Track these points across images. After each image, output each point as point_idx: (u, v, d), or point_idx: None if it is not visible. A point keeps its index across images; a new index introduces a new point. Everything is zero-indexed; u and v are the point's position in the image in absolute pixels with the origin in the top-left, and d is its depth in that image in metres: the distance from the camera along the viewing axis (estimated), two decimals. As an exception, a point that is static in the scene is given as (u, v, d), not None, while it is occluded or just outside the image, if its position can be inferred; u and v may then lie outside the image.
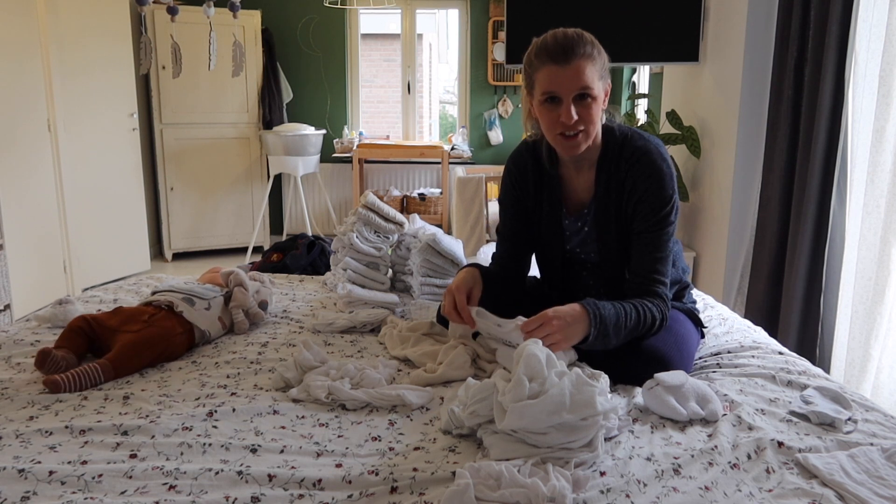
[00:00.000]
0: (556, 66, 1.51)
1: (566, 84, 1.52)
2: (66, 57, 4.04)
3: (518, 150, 1.79)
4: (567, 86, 1.52)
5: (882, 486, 1.08)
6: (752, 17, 2.91)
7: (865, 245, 2.29)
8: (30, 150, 3.70)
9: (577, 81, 1.51)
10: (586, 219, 1.71)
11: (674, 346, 1.57)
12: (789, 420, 1.32)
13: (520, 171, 1.76)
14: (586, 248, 1.73)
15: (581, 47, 1.51)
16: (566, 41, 1.52)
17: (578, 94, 1.52)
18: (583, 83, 1.51)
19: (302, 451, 1.21)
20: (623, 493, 1.08)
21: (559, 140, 1.58)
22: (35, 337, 1.79)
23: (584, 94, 1.52)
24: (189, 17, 4.58)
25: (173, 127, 5.01)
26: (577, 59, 1.51)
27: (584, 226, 1.72)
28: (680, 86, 3.68)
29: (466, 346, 1.66)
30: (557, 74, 1.52)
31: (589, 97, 1.53)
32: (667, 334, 1.59)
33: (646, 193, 1.59)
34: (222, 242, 5.31)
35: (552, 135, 1.59)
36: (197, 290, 1.85)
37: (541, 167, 1.73)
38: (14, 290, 3.34)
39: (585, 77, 1.51)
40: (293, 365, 1.53)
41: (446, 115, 9.62)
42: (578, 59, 1.51)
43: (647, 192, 1.59)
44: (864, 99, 2.33)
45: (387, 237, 2.25)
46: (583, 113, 1.54)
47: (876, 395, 2.20)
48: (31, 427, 1.27)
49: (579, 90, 1.52)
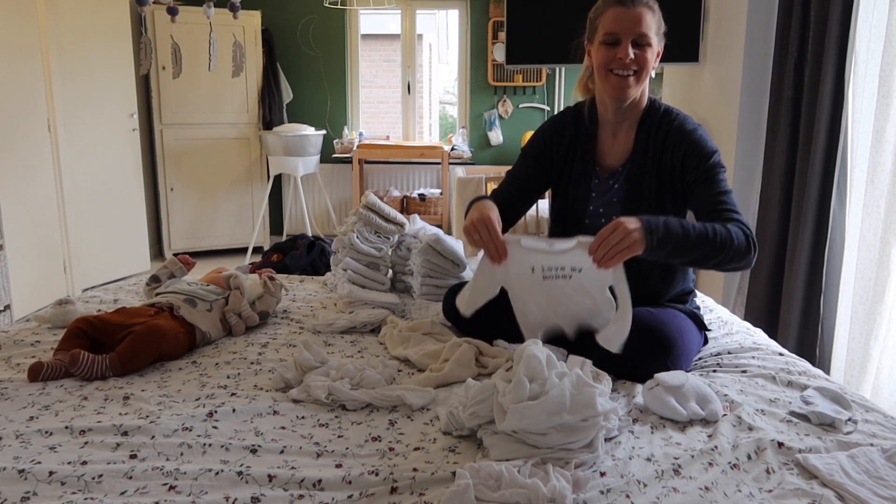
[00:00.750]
0: (620, 8, 1.63)
1: (627, 26, 1.63)
2: (66, 57, 4.04)
3: (560, 112, 1.89)
4: (628, 27, 1.63)
5: (882, 487, 1.08)
6: (752, 17, 2.91)
7: (865, 245, 2.29)
8: (30, 150, 3.70)
9: (637, 25, 1.62)
10: (618, 177, 1.76)
11: (677, 330, 1.60)
12: (789, 420, 1.32)
13: (555, 128, 1.84)
14: (609, 210, 1.76)
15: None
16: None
17: (637, 39, 1.63)
18: (643, 28, 1.63)
19: (302, 451, 1.21)
20: (623, 493, 1.08)
21: (611, 79, 1.66)
22: (35, 337, 1.79)
23: (641, 40, 1.63)
24: (189, 18, 4.58)
25: (173, 127, 5.01)
26: (640, 6, 1.63)
27: (614, 183, 1.76)
28: (680, 86, 3.68)
29: (470, 343, 1.66)
30: (620, 16, 1.63)
31: (646, 44, 1.64)
32: (671, 318, 1.63)
33: (690, 148, 1.67)
34: (222, 243, 5.31)
35: (605, 71, 1.67)
36: (199, 291, 1.85)
37: (579, 126, 1.81)
38: (14, 290, 3.34)
39: (645, 23, 1.63)
40: (293, 365, 1.53)
41: (446, 115, 9.63)
42: (641, 6, 1.63)
43: (692, 147, 1.67)
44: (864, 99, 2.33)
45: (387, 238, 2.25)
46: (639, 56, 1.64)
47: (876, 395, 2.20)
48: (31, 427, 1.27)
49: (638, 34, 1.63)
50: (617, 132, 1.77)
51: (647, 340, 1.54)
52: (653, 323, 1.58)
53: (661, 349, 1.53)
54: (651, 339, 1.54)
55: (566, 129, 1.82)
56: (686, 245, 1.48)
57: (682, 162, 1.67)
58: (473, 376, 1.58)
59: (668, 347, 1.54)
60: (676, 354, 1.55)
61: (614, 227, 1.43)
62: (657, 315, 1.62)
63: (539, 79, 5.48)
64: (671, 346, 1.54)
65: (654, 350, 1.53)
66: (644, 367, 1.50)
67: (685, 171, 1.67)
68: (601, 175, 1.78)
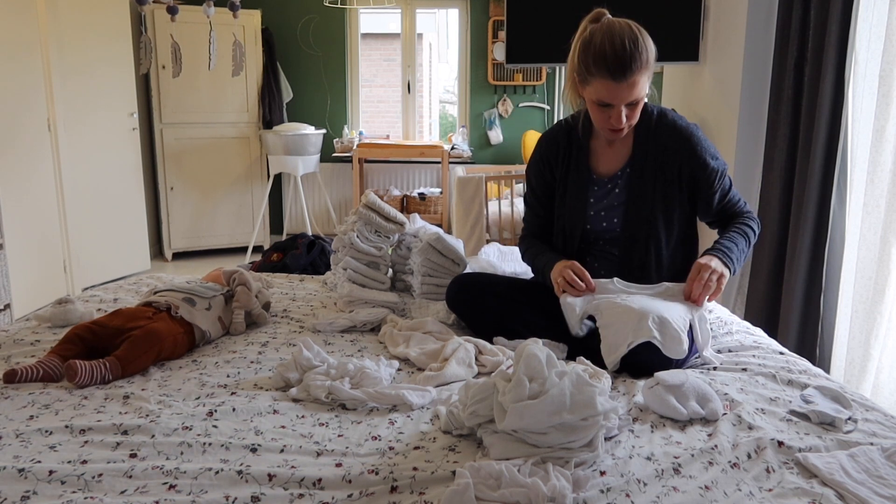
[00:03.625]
0: (612, 82, 1.59)
1: (621, 97, 1.62)
2: (66, 57, 4.04)
3: (553, 127, 1.94)
4: (621, 98, 1.62)
5: (882, 486, 1.08)
6: (752, 17, 2.91)
7: (865, 245, 2.29)
8: (30, 150, 3.70)
9: (630, 95, 1.62)
10: (618, 181, 1.78)
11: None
12: (789, 419, 1.32)
13: (550, 147, 1.87)
14: (610, 215, 1.78)
15: (637, 61, 1.58)
16: (624, 56, 1.57)
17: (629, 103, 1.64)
18: (635, 94, 1.62)
19: (302, 450, 1.21)
20: (623, 492, 1.08)
21: (606, 132, 1.73)
22: (35, 337, 1.79)
23: (634, 101, 1.64)
24: (189, 17, 4.58)
25: (173, 127, 5.01)
26: (634, 75, 1.58)
27: (614, 188, 1.79)
28: (680, 86, 3.67)
29: (470, 343, 1.66)
30: (613, 90, 1.61)
31: (638, 102, 1.65)
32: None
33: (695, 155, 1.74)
34: (222, 242, 5.31)
35: (600, 126, 1.72)
36: (197, 289, 1.85)
37: (572, 139, 1.83)
38: (14, 289, 3.34)
39: (638, 90, 1.61)
40: (293, 365, 1.53)
41: (446, 114, 9.63)
42: (635, 75, 1.58)
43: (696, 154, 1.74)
44: (864, 99, 2.33)
45: (387, 237, 2.25)
46: (630, 114, 1.67)
47: (876, 394, 2.20)
48: (31, 427, 1.27)
49: (630, 101, 1.63)
50: (612, 140, 1.80)
51: None
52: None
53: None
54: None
55: (560, 145, 1.85)
56: (743, 255, 1.72)
57: (690, 166, 1.74)
58: (473, 376, 1.59)
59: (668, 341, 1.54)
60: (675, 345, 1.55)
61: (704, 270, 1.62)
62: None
63: (539, 78, 5.48)
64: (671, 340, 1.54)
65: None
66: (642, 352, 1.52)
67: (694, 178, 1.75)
68: (600, 181, 1.80)
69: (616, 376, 1.59)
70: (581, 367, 1.39)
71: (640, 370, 1.56)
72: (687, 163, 1.74)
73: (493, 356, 1.65)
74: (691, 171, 1.75)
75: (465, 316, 1.90)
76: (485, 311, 1.85)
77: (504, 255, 2.56)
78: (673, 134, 1.75)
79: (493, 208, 4.10)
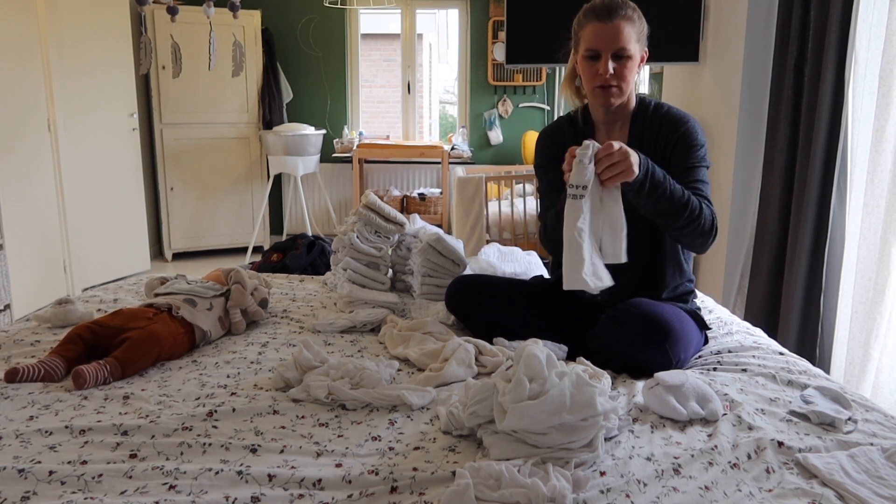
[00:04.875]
0: (599, 24, 1.68)
1: (606, 40, 1.68)
2: (66, 57, 4.04)
3: (553, 122, 1.97)
4: (607, 42, 1.68)
5: (882, 486, 1.08)
6: (752, 17, 2.91)
7: (865, 245, 2.29)
8: (30, 150, 3.70)
9: (616, 40, 1.67)
10: None
11: (675, 317, 1.62)
12: (789, 420, 1.32)
13: (554, 134, 1.90)
14: None
15: (623, 9, 1.69)
16: (610, 2, 1.69)
17: (616, 53, 1.68)
18: (621, 41, 1.67)
19: (302, 451, 1.21)
20: (623, 492, 1.08)
21: (597, 92, 1.74)
22: (35, 337, 1.79)
23: (620, 53, 1.68)
24: (189, 17, 4.58)
25: (173, 127, 5.01)
26: (618, 19, 1.67)
27: None
28: (680, 86, 3.68)
29: (470, 343, 1.66)
30: (599, 31, 1.68)
31: (625, 56, 1.69)
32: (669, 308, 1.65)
33: (682, 138, 1.74)
34: (222, 242, 5.31)
35: (590, 87, 1.74)
36: (198, 289, 1.85)
37: (574, 129, 1.87)
38: (14, 290, 3.34)
39: (623, 36, 1.67)
40: (293, 365, 1.53)
41: (446, 115, 9.63)
42: (619, 19, 1.67)
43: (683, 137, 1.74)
44: (864, 99, 2.33)
45: (387, 237, 2.25)
46: (618, 70, 1.69)
47: (876, 395, 2.20)
48: (31, 427, 1.27)
49: (617, 48, 1.67)
50: (611, 131, 1.82)
51: (645, 325, 1.57)
52: (650, 309, 1.61)
53: (658, 334, 1.55)
54: (649, 324, 1.57)
55: (564, 133, 1.88)
56: (665, 195, 1.60)
57: (673, 148, 1.75)
58: (473, 376, 1.59)
59: (666, 331, 1.56)
60: (675, 339, 1.56)
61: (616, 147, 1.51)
62: (655, 305, 1.65)
63: (539, 78, 5.47)
64: (669, 331, 1.56)
65: (651, 334, 1.55)
66: (642, 352, 1.53)
67: (672, 157, 1.75)
68: None
69: (616, 376, 1.59)
70: (581, 367, 1.39)
71: (640, 371, 1.56)
72: (678, 143, 1.76)
73: (492, 357, 1.65)
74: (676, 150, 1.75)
75: (464, 318, 1.90)
76: (484, 313, 1.85)
77: (504, 255, 2.56)
78: (666, 120, 1.78)
79: (493, 209, 4.10)
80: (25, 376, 1.49)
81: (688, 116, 1.79)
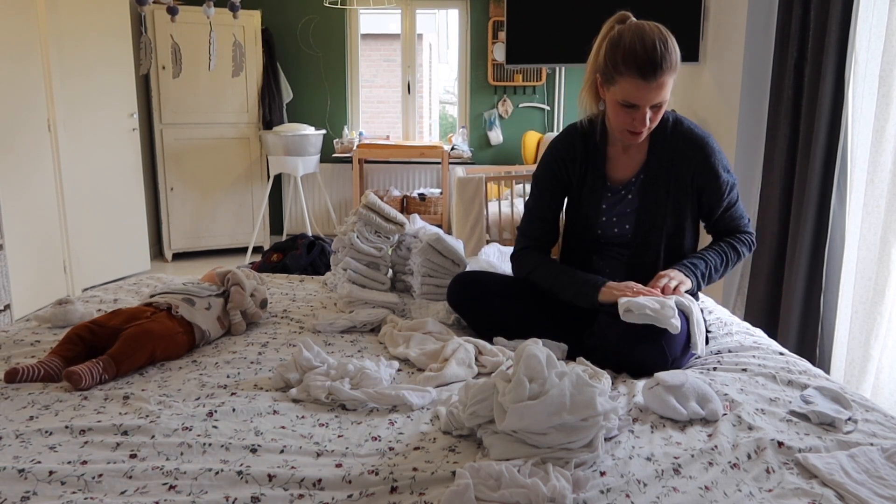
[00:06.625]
0: (642, 81, 1.58)
1: (648, 97, 1.60)
2: (66, 57, 4.04)
3: (567, 130, 1.88)
4: (649, 99, 1.60)
5: (882, 486, 1.08)
6: (752, 17, 2.91)
7: (865, 245, 2.29)
8: (30, 150, 3.70)
9: (658, 96, 1.60)
10: (632, 187, 1.78)
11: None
12: (789, 420, 1.32)
13: (566, 148, 1.84)
14: (622, 221, 1.79)
15: (667, 61, 1.58)
16: (654, 55, 1.57)
17: (654, 105, 1.62)
18: (663, 96, 1.60)
19: (302, 451, 1.21)
20: (623, 492, 1.08)
21: (626, 134, 1.69)
22: (35, 337, 1.79)
23: (659, 104, 1.63)
24: (189, 17, 4.58)
25: (173, 127, 5.01)
26: (663, 75, 1.58)
27: (627, 194, 1.78)
28: (680, 86, 3.68)
29: (470, 343, 1.66)
30: (640, 89, 1.59)
31: (663, 104, 1.63)
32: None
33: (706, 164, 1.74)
34: (222, 242, 5.31)
35: (620, 128, 1.69)
36: (194, 289, 1.85)
37: (588, 143, 1.81)
38: (14, 290, 3.34)
39: (665, 91, 1.60)
40: (293, 365, 1.53)
41: (446, 115, 9.63)
42: (664, 75, 1.58)
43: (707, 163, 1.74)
44: (864, 99, 2.33)
45: (387, 237, 2.25)
46: (654, 117, 1.65)
47: (876, 395, 2.20)
48: (31, 427, 1.27)
49: (656, 102, 1.62)
50: (627, 148, 1.80)
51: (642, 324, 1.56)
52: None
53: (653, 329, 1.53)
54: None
55: (576, 149, 1.83)
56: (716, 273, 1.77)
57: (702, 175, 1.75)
58: (473, 376, 1.59)
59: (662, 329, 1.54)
60: (670, 335, 1.55)
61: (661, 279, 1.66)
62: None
63: (539, 78, 5.47)
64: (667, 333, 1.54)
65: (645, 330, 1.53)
66: (637, 348, 1.53)
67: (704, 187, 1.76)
68: (613, 188, 1.81)
69: (616, 376, 1.59)
70: (581, 367, 1.39)
71: (637, 368, 1.56)
72: (699, 172, 1.74)
73: (493, 356, 1.65)
74: (703, 181, 1.75)
75: (466, 314, 1.90)
76: (486, 310, 1.85)
77: (504, 255, 2.56)
78: (688, 142, 1.74)
79: (493, 209, 4.10)
80: (25, 376, 1.49)
81: (706, 137, 1.76)
